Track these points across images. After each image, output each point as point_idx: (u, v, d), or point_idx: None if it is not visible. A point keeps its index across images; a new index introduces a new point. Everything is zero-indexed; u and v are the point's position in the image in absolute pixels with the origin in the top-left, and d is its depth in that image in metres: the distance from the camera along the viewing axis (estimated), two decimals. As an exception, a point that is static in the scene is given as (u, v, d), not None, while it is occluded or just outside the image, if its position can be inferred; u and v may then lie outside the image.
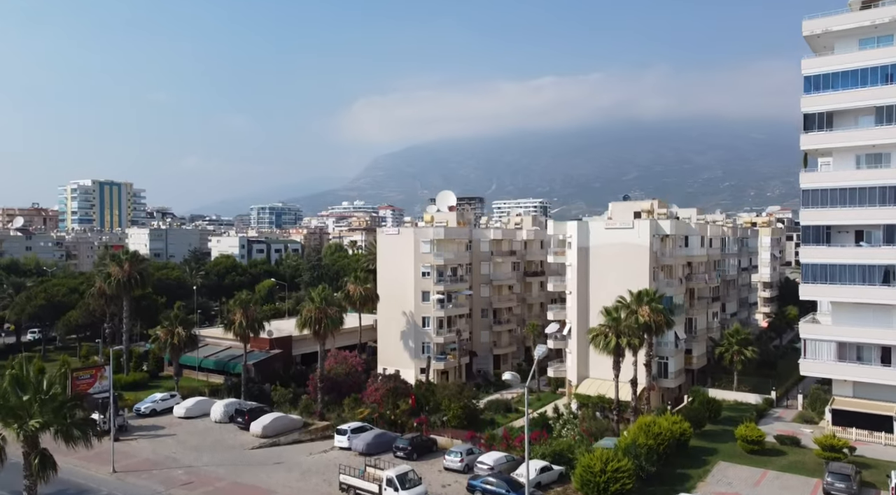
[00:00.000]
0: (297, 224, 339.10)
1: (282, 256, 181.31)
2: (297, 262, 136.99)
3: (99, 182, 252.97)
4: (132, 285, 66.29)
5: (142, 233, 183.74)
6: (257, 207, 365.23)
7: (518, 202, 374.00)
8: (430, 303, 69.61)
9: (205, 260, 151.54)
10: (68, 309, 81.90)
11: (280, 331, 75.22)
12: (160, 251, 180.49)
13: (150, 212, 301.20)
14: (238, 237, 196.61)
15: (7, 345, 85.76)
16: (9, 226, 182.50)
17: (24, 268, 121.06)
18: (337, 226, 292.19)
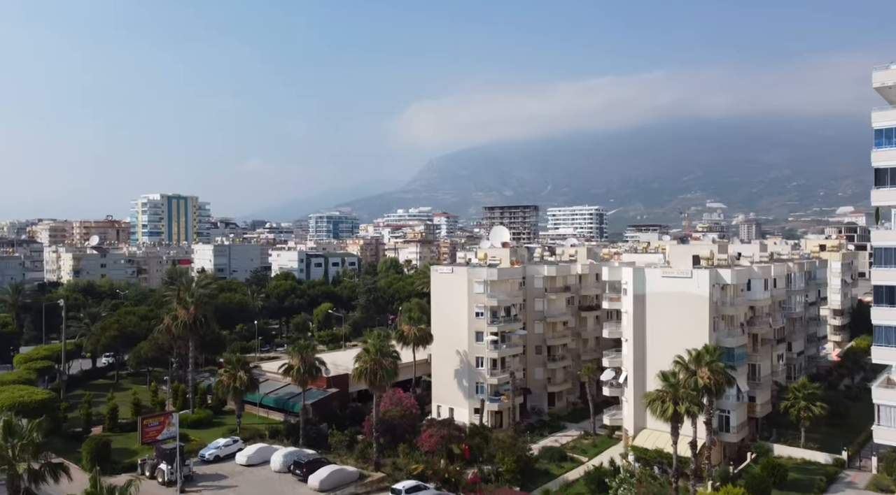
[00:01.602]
0: (354, 233, 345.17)
1: (339, 272, 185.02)
2: (353, 283, 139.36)
3: (167, 196, 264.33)
4: (197, 327, 69.10)
5: (206, 249, 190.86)
6: (315, 216, 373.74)
7: (573, 209, 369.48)
8: (483, 344, 69.72)
9: (266, 279, 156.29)
10: (139, 339, 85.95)
11: (336, 367, 76.82)
12: (224, 266, 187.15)
13: (214, 222, 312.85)
14: (297, 251, 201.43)
15: (84, 371, 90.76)
16: (86, 243, 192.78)
17: (100, 291, 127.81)
18: (392, 236, 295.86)
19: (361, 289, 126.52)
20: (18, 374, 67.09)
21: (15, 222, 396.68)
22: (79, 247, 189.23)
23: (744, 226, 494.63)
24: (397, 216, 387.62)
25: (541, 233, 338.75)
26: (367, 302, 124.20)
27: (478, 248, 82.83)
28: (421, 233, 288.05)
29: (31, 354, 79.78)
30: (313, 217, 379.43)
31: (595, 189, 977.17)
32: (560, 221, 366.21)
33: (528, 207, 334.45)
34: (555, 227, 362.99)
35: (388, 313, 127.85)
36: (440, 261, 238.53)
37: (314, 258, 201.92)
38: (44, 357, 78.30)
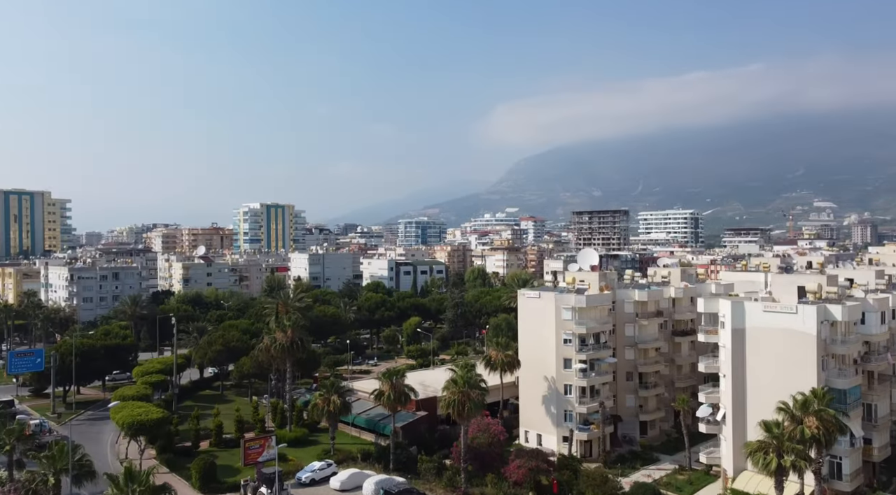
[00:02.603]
0: (441, 238, 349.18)
1: (427, 282, 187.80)
2: (441, 296, 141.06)
3: (266, 205, 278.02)
4: (294, 349, 72.35)
5: (302, 257, 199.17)
6: (405, 221, 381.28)
7: (666, 213, 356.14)
8: (571, 371, 68.75)
9: (357, 289, 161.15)
10: (241, 354, 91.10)
11: (425, 388, 78.03)
12: (318, 274, 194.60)
13: (309, 228, 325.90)
14: (387, 260, 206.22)
15: (193, 382, 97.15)
16: (194, 251, 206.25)
17: (206, 301, 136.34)
18: (479, 241, 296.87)
19: (449, 303, 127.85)
20: (136, 389, 72.79)
21: (133, 227, 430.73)
22: (187, 255, 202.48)
23: (857, 227, 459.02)
24: (484, 221, 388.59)
25: (631, 238, 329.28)
26: (455, 316, 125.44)
27: (566, 271, 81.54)
28: (508, 240, 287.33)
29: (147, 367, 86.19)
30: (402, 222, 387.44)
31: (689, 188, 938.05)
32: (652, 226, 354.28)
33: (617, 212, 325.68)
34: (646, 232, 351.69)
35: (476, 327, 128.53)
36: (527, 269, 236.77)
37: (403, 266, 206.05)
38: (158, 370, 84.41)
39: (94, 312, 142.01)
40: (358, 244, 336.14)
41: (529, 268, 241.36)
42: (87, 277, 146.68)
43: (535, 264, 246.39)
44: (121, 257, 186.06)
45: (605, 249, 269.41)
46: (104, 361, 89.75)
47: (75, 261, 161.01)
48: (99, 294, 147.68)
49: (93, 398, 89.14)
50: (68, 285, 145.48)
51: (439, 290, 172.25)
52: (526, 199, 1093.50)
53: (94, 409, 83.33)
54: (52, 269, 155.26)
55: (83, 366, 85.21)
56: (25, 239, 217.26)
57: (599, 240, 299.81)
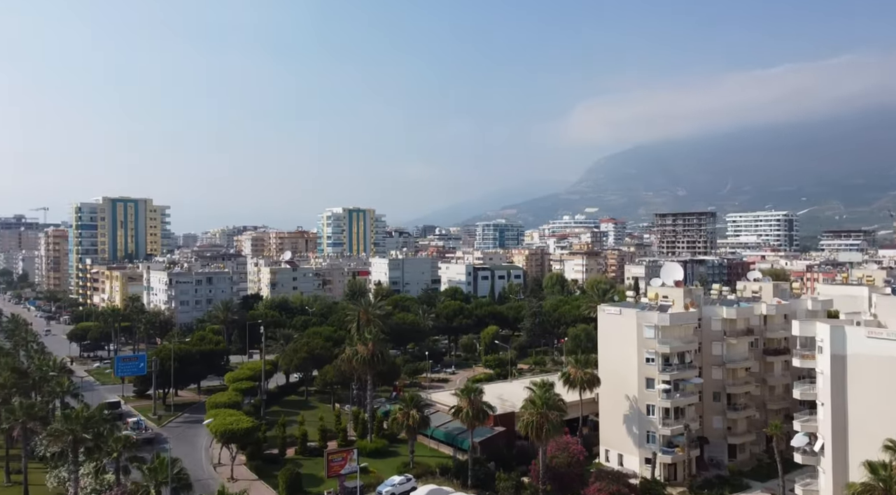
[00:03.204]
0: (519, 241, 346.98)
1: (504, 288, 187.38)
2: (519, 304, 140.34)
3: (348, 209, 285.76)
4: (374, 362, 74.08)
5: (382, 262, 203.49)
6: (482, 224, 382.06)
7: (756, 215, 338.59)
8: (654, 392, 66.71)
9: (435, 295, 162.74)
10: (325, 361, 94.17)
11: (503, 403, 77.92)
12: (398, 279, 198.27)
13: (389, 231, 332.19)
14: (464, 265, 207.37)
15: (279, 387, 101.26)
16: (281, 256, 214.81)
17: (292, 306, 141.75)
18: (557, 245, 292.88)
19: (527, 312, 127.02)
20: (228, 396, 76.83)
21: (225, 229, 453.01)
22: (274, 259, 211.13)
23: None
24: (563, 223, 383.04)
25: (719, 241, 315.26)
26: (533, 325, 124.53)
27: (648, 286, 79.14)
28: (587, 244, 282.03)
29: (238, 374, 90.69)
30: (480, 225, 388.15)
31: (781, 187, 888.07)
32: (741, 228, 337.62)
33: (703, 214, 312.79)
34: (735, 235, 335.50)
35: (554, 336, 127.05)
36: (606, 274, 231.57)
37: (481, 271, 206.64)
38: (248, 377, 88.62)
39: (190, 314, 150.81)
40: (436, 247, 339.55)
41: (609, 273, 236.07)
42: (184, 282, 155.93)
43: (615, 269, 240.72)
44: (214, 261, 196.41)
45: (689, 254, 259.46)
46: (199, 366, 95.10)
47: (173, 266, 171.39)
48: (194, 297, 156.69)
49: (189, 400, 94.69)
50: (167, 289, 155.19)
51: (517, 297, 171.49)
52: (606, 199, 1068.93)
53: (190, 412, 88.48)
54: (154, 274, 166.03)
55: (180, 370, 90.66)
56: (130, 243, 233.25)
57: (684, 243, 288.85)
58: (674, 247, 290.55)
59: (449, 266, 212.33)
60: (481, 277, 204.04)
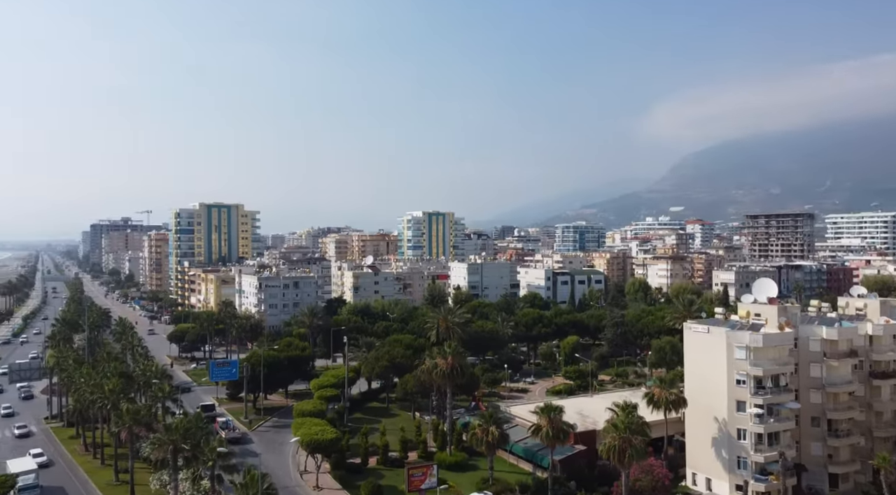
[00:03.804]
0: (600, 243, 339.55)
1: (585, 294, 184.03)
2: (600, 312, 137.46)
3: (427, 213, 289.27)
4: (454, 375, 74.66)
5: (461, 267, 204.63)
6: (562, 226, 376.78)
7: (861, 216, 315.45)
8: (745, 416, 63.63)
9: (514, 302, 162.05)
10: (405, 370, 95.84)
11: (584, 419, 76.68)
12: (476, 283, 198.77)
13: (468, 233, 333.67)
14: (543, 270, 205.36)
15: (362, 393, 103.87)
16: (363, 260, 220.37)
17: (373, 312, 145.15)
18: (640, 248, 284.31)
19: (608, 322, 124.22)
20: (313, 405, 79.67)
21: (311, 230, 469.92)
22: (357, 263, 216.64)
23: None
24: (646, 225, 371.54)
25: (817, 244, 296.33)
26: (615, 335, 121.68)
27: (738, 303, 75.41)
28: (672, 247, 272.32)
29: (322, 381, 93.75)
30: (559, 227, 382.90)
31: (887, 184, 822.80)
32: (843, 230, 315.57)
33: (800, 215, 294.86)
34: (836, 237, 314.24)
35: (637, 347, 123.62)
36: (693, 280, 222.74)
37: (560, 276, 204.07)
38: (331, 384, 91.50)
39: (278, 317, 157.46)
40: (515, 249, 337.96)
41: (696, 278, 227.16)
42: (272, 286, 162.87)
43: (702, 274, 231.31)
44: (300, 266, 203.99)
45: (784, 258, 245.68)
46: (287, 372, 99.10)
47: (263, 270, 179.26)
48: (282, 301, 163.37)
49: (278, 404, 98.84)
50: (257, 292, 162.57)
51: (598, 303, 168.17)
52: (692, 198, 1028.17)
53: (278, 416, 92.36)
54: (245, 278, 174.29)
55: (269, 375, 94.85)
56: (223, 246, 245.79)
57: (778, 246, 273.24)
58: (767, 250, 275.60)
59: (528, 271, 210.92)
60: (561, 282, 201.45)
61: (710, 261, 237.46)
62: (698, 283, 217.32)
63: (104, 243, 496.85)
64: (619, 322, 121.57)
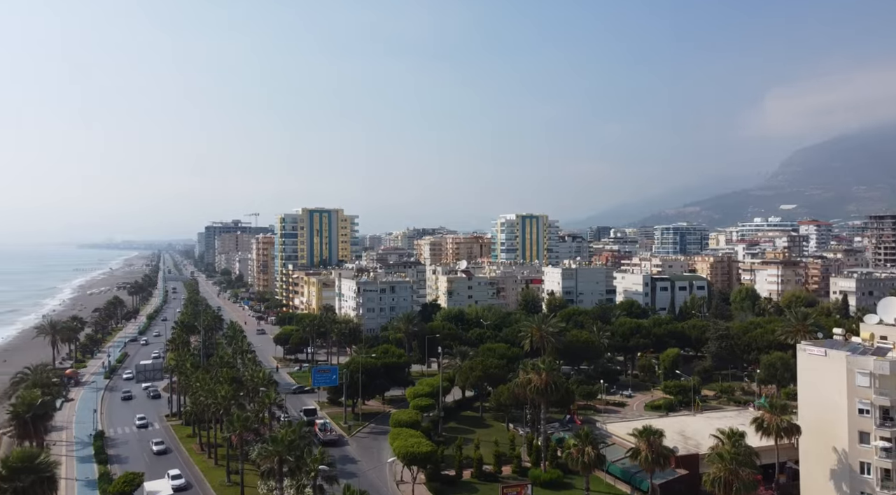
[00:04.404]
0: (703, 247, 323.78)
1: (686, 301, 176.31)
2: (702, 323, 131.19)
3: (521, 216, 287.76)
4: (548, 392, 73.82)
5: (555, 272, 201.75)
6: (661, 228, 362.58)
7: None
8: (870, 449, 58.69)
9: (610, 309, 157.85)
10: (499, 381, 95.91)
11: (685, 441, 73.73)
12: (571, 288, 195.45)
13: (563, 236, 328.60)
14: (641, 275, 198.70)
15: (456, 402, 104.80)
16: (456, 264, 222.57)
17: (467, 318, 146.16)
18: (747, 252, 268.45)
19: (712, 334, 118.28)
20: (409, 415, 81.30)
21: (406, 231, 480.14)
22: (451, 267, 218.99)
23: None
24: (753, 226, 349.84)
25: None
26: (719, 348, 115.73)
27: (860, 323, 69.50)
28: (783, 251, 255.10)
29: (417, 389, 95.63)
30: (658, 228, 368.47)
31: None
32: None
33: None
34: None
35: (744, 362, 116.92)
36: (807, 287, 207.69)
37: (659, 282, 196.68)
38: (426, 393, 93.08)
39: (375, 321, 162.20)
40: (610, 252, 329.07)
41: (811, 286, 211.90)
42: (370, 290, 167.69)
43: (817, 280, 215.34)
44: (396, 270, 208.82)
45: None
46: (383, 379, 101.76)
47: (361, 274, 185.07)
48: (379, 305, 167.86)
49: (375, 410, 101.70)
50: (356, 297, 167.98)
51: (700, 312, 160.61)
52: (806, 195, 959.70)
53: (375, 422, 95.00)
54: (344, 282, 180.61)
55: (367, 382, 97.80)
56: (324, 250, 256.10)
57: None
58: (894, 255, 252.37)
59: (625, 276, 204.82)
60: (660, 288, 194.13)
61: (827, 267, 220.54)
62: (813, 291, 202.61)
63: (217, 244, 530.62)
64: (723, 334, 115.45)
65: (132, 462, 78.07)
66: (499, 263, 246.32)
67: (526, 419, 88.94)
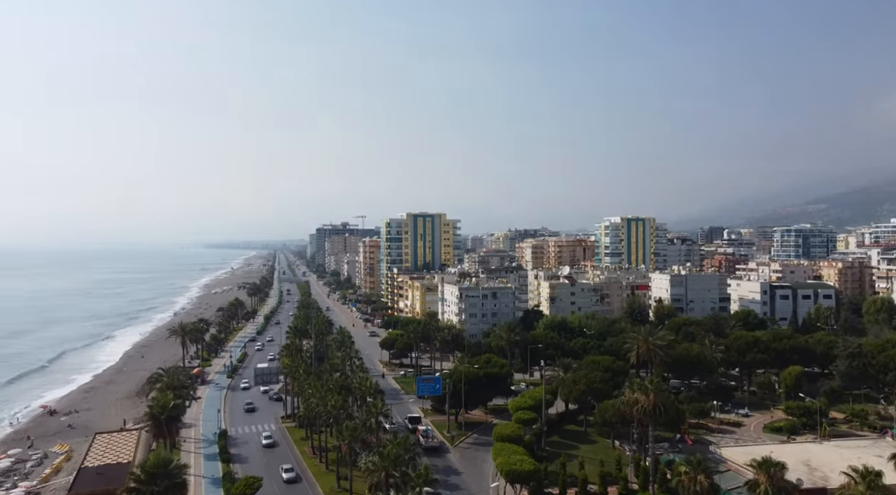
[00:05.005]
0: (830, 251, 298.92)
1: (810, 312, 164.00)
2: (829, 339, 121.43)
3: (626, 219, 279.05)
4: (656, 414, 71.19)
5: (662, 278, 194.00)
6: (781, 230, 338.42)
7: None
8: None
9: (724, 320, 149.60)
10: (603, 396, 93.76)
11: (811, 472, 68.84)
12: (680, 296, 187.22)
13: (671, 238, 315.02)
14: (759, 283, 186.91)
15: (559, 414, 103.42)
16: (559, 269, 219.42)
17: (570, 326, 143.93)
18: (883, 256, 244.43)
19: (841, 351, 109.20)
20: (511, 429, 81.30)
21: (508, 233, 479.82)
22: (553, 272, 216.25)
23: None
24: (891, 226, 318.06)
25: None
26: (850, 367, 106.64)
27: None
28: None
29: (520, 402, 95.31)
30: (778, 230, 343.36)
31: None
32: None
33: None
34: None
35: (880, 383, 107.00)
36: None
37: (779, 290, 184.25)
38: (528, 406, 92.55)
39: (477, 326, 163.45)
40: (724, 255, 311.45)
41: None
42: (472, 296, 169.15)
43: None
44: (497, 275, 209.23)
45: None
46: (486, 389, 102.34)
47: (463, 279, 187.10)
48: (481, 310, 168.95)
49: (478, 420, 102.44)
50: (458, 302, 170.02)
51: (827, 326, 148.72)
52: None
53: (478, 433, 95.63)
54: (447, 287, 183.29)
55: (469, 391, 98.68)
56: (427, 253, 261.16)
57: None
58: None
59: (740, 283, 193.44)
60: (780, 296, 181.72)
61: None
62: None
63: (327, 246, 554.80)
64: (855, 352, 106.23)
65: (252, 462, 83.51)
66: (602, 268, 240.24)
67: (633, 437, 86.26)
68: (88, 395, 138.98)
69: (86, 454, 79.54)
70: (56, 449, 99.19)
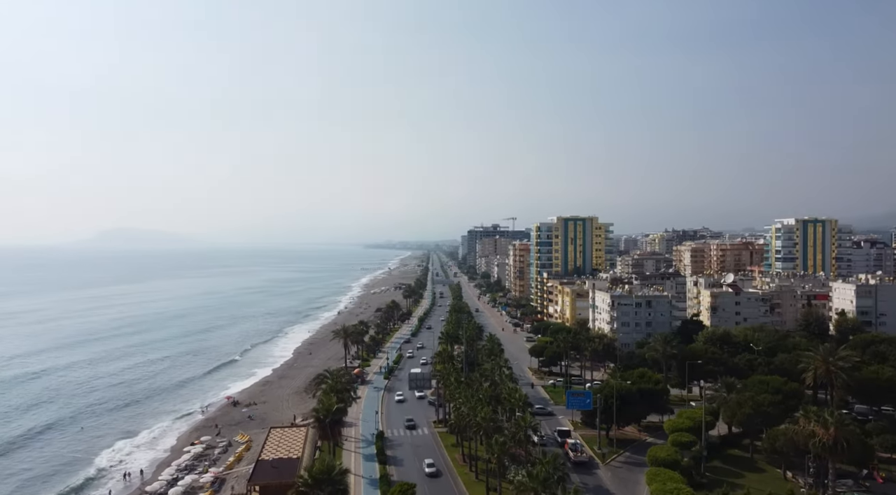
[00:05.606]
0: None
1: None
2: None
3: (802, 220, 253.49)
4: (837, 450, 64.10)
5: (846, 288, 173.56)
6: None
7: None
8: None
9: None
10: (773, 421, 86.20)
11: None
12: (868, 309, 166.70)
13: (857, 241, 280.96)
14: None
15: (721, 437, 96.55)
16: (721, 277, 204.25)
17: (734, 341, 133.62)
18: None
19: None
20: (667, 452, 77.40)
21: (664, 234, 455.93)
22: (714, 278, 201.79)
23: None
24: None
25: None
26: None
27: None
28: None
29: (677, 422, 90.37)
30: None
31: None
32: None
33: None
34: None
35: None
36: None
37: None
38: (687, 427, 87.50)
39: (630, 336, 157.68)
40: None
41: None
42: (624, 304, 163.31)
43: None
44: (652, 281, 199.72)
45: None
46: (640, 406, 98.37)
47: (615, 286, 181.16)
48: (634, 319, 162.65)
49: (631, 437, 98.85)
50: (610, 310, 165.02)
51: None
52: None
53: (631, 451, 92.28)
54: (598, 294, 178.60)
55: (621, 407, 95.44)
56: (579, 258, 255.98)
57: None
58: None
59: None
60: None
61: None
62: None
63: (477, 248, 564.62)
64: None
65: (406, 465, 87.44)
66: (773, 274, 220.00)
67: (808, 468, 78.42)
68: (265, 389, 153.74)
69: (262, 446, 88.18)
70: (238, 438, 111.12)
